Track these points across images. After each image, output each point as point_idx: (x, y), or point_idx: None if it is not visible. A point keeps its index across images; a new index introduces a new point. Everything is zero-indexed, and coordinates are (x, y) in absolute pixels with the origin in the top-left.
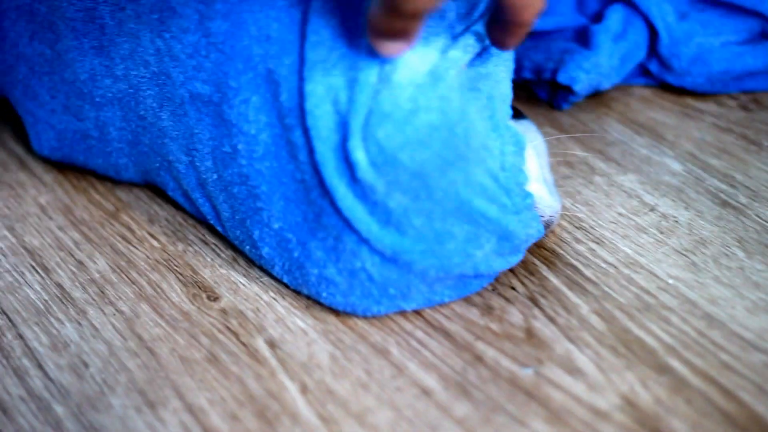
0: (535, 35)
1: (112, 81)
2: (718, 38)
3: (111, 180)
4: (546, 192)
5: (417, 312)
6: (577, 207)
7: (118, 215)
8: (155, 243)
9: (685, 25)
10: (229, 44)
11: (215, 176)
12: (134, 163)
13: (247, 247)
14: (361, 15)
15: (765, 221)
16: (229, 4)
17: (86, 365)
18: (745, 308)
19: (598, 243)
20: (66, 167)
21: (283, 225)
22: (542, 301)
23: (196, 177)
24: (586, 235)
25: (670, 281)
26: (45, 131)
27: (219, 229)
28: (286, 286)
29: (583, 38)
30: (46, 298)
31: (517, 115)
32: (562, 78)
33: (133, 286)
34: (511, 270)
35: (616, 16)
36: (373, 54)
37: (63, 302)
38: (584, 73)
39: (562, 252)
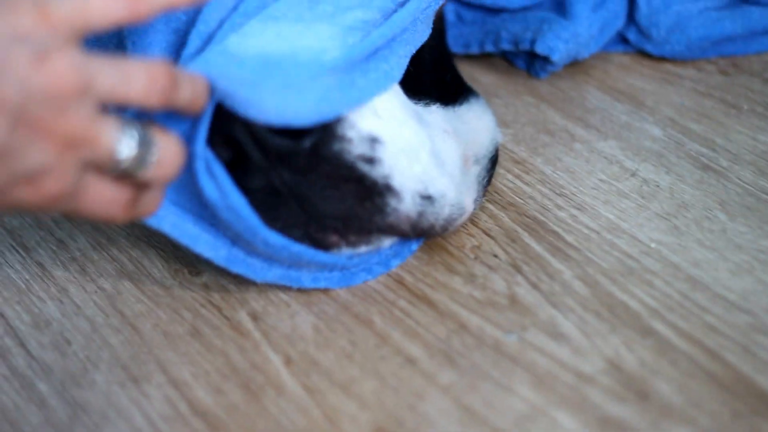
0: (514, 9)
1: None
2: (696, 5)
3: None
4: (451, 188)
5: (399, 282)
6: (557, 174)
7: None
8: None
9: None
10: None
11: None
12: None
13: None
14: None
15: (746, 184)
16: None
17: (69, 342)
18: (728, 270)
19: (579, 209)
20: None
21: None
22: (525, 267)
23: None
24: (567, 201)
25: (653, 245)
26: None
27: None
28: None
29: (561, 8)
30: (27, 277)
31: (465, 92)
32: (541, 48)
33: (114, 263)
34: (493, 238)
35: None
36: None
37: (44, 280)
38: (563, 42)
39: (543, 219)
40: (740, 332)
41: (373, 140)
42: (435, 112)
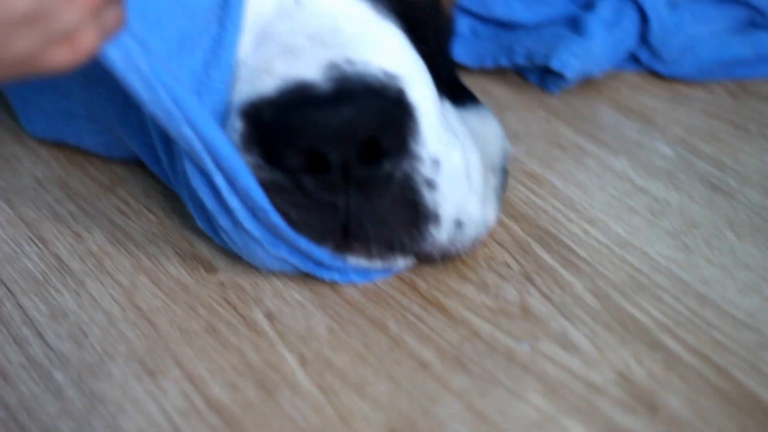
0: (528, 25)
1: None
2: (708, 27)
3: None
4: (477, 206)
5: (413, 287)
6: (569, 188)
7: (114, 189)
8: (152, 216)
9: (675, 15)
10: None
11: None
12: (124, 141)
13: None
14: None
15: (754, 204)
16: None
17: (85, 334)
18: (736, 288)
19: (590, 223)
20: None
21: None
22: (536, 278)
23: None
24: (579, 215)
25: (663, 262)
26: (35, 112)
27: None
28: None
29: (575, 26)
30: (44, 269)
31: (467, 96)
32: (555, 63)
33: (131, 258)
34: (506, 248)
35: (608, 4)
36: None
37: (61, 273)
38: (576, 59)
39: (555, 231)
40: (747, 349)
41: (436, 163)
42: (449, 111)
